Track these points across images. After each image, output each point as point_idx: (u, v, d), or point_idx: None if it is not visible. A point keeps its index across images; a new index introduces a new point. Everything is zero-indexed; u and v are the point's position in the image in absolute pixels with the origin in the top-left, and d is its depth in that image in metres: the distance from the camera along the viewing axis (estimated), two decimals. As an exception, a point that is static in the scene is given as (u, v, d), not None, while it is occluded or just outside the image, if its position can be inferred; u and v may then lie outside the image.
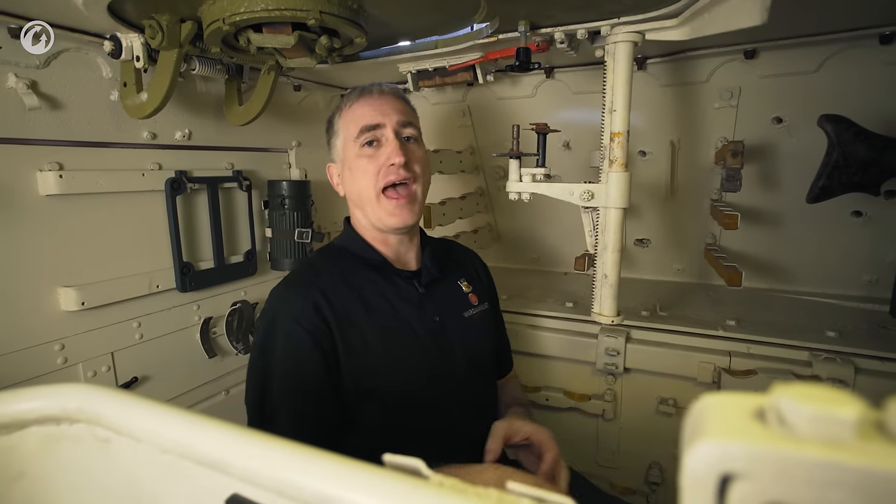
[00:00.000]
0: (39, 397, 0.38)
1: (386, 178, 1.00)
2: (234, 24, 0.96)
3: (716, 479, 0.19)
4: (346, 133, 1.05)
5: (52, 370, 1.14)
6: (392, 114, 1.03)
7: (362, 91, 1.07)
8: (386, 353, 0.97)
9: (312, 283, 0.98)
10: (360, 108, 1.04)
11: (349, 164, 1.05)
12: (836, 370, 1.16)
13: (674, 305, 1.52)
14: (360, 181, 1.03)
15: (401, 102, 1.07)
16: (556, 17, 1.17)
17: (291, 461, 0.29)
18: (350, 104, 1.06)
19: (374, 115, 1.02)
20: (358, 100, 1.06)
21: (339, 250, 1.10)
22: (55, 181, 1.11)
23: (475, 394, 1.09)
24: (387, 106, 1.04)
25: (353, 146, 1.03)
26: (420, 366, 1.00)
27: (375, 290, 1.02)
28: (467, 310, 1.13)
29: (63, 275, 1.16)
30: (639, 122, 1.61)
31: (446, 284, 1.13)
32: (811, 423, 0.18)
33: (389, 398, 0.97)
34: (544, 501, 0.27)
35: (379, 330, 0.98)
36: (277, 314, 0.95)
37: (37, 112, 1.09)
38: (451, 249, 1.26)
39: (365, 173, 1.02)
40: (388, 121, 1.02)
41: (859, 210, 1.46)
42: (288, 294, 0.98)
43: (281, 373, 0.91)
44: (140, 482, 0.36)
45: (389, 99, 1.06)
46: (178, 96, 1.33)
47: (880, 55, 1.29)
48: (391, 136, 1.02)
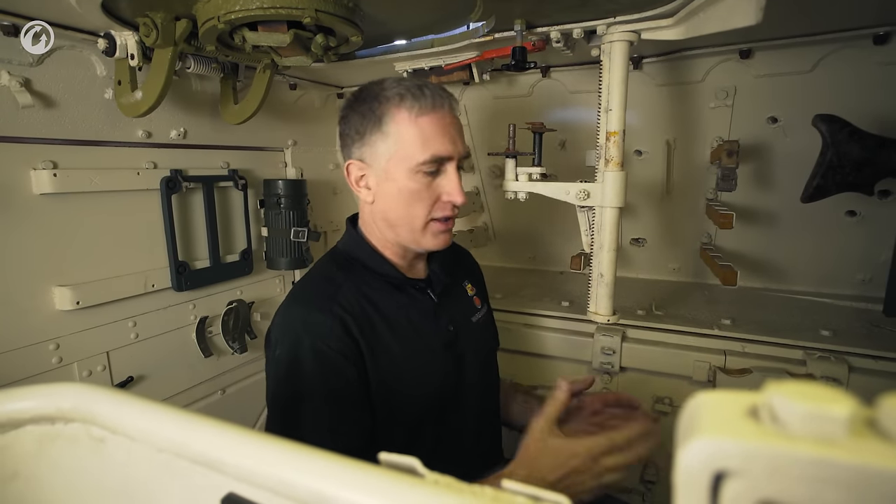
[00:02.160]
0: (34, 397, 0.37)
1: (442, 212, 0.94)
2: (230, 23, 0.96)
3: (709, 477, 0.19)
4: (404, 148, 0.90)
5: (47, 370, 1.14)
6: (459, 143, 0.94)
7: (434, 102, 0.91)
8: (410, 369, 0.95)
9: (334, 300, 0.91)
10: (430, 126, 0.90)
11: (397, 184, 0.92)
12: (830, 369, 1.17)
13: (669, 304, 1.53)
14: (411, 208, 0.93)
15: (460, 123, 0.97)
16: (552, 17, 1.17)
17: (287, 460, 0.29)
18: (417, 114, 0.90)
19: (446, 145, 0.91)
20: (429, 113, 0.90)
21: (349, 259, 1.01)
22: (49, 180, 1.10)
23: (483, 398, 1.09)
24: (456, 131, 0.94)
25: (408, 166, 0.90)
26: (437, 379, 0.98)
27: (393, 303, 0.97)
28: (474, 314, 1.12)
29: (58, 274, 1.15)
30: (635, 122, 1.62)
31: (455, 290, 1.11)
32: (804, 420, 0.19)
33: (406, 412, 0.95)
34: (540, 500, 0.27)
35: (401, 346, 0.94)
36: (302, 335, 0.88)
37: (30, 110, 1.08)
38: (451, 250, 1.21)
39: (420, 201, 0.92)
40: (455, 152, 0.93)
41: (853, 210, 1.47)
42: (310, 312, 0.90)
43: (317, 396, 0.86)
44: (135, 481, 0.36)
45: (456, 120, 0.95)
46: (173, 95, 1.32)
47: (874, 55, 1.30)
48: (454, 169, 0.93)
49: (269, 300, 1.72)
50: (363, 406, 0.89)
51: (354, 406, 0.88)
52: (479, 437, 1.08)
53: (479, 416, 1.07)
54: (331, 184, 1.95)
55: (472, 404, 1.05)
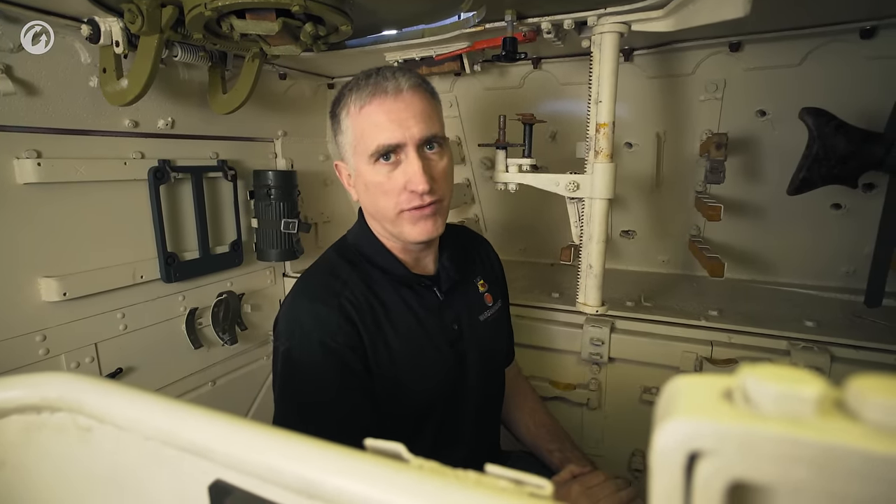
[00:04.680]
0: (19, 386, 0.37)
1: (410, 203, 0.88)
2: (217, 10, 0.95)
3: (683, 457, 0.20)
4: (357, 142, 0.90)
5: (34, 361, 1.13)
6: (413, 125, 0.86)
7: (375, 88, 0.87)
8: (411, 367, 0.94)
9: (340, 294, 0.91)
10: (374, 115, 0.87)
11: (362, 178, 0.92)
12: (813, 358, 1.19)
13: (658, 296, 1.55)
14: (378, 201, 0.91)
15: (422, 101, 0.89)
16: (543, 7, 1.17)
17: (273, 446, 0.29)
18: (360, 104, 0.88)
19: (392, 131, 0.86)
20: (371, 101, 0.87)
21: (356, 251, 1.00)
22: (33, 169, 1.09)
23: (484, 398, 1.09)
24: (406, 113, 0.86)
25: (366, 160, 0.89)
26: (438, 377, 0.98)
27: (398, 298, 0.96)
28: (483, 313, 1.09)
29: (44, 265, 1.14)
30: (625, 114, 1.62)
31: (464, 287, 1.08)
32: (774, 401, 0.19)
33: (406, 406, 0.96)
34: (522, 483, 0.27)
35: (403, 344, 0.94)
36: (310, 329, 0.88)
37: (12, 98, 1.06)
38: (467, 242, 1.18)
39: (384, 194, 0.89)
40: (408, 137, 0.86)
41: (838, 203, 1.49)
42: (317, 307, 0.90)
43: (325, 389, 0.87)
44: (123, 470, 0.36)
45: (409, 100, 0.87)
46: (160, 83, 1.30)
47: (862, 49, 1.31)
48: (413, 155, 0.87)
49: (260, 292, 1.72)
50: (371, 397, 0.90)
51: (363, 398, 0.89)
52: (479, 433, 1.08)
53: (479, 414, 1.07)
54: (321, 175, 1.94)
55: (472, 402, 1.05)
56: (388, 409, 0.93)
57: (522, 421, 1.24)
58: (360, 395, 0.89)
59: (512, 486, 0.27)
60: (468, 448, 1.05)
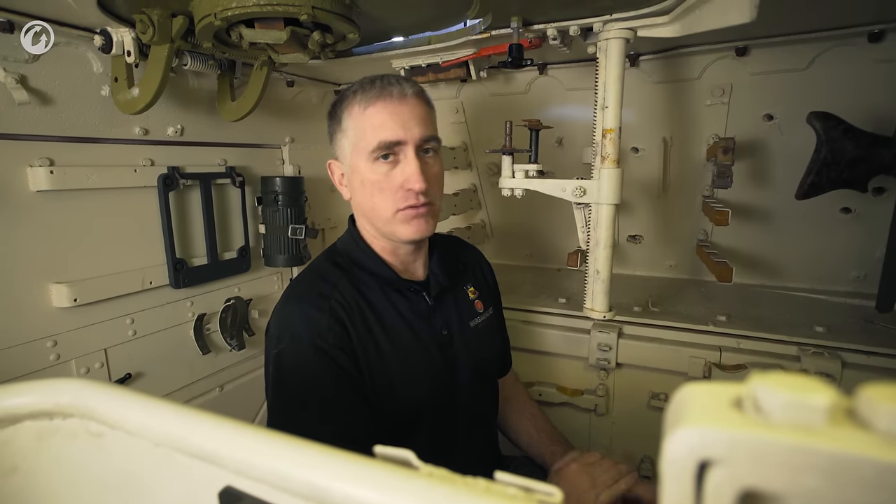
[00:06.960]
0: (32, 392, 0.38)
1: (406, 201, 0.92)
2: (226, 20, 0.96)
3: (694, 465, 0.20)
4: (358, 140, 0.93)
5: (44, 367, 1.14)
6: (414, 126, 0.91)
7: (381, 91, 0.92)
8: (401, 370, 0.95)
9: (330, 297, 0.92)
10: (378, 115, 0.91)
11: (360, 176, 0.95)
12: (824, 364, 1.18)
13: (665, 301, 1.54)
14: (375, 198, 0.93)
15: (423, 107, 0.95)
16: (549, 14, 1.17)
17: (283, 452, 0.29)
18: (365, 105, 0.92)
19: (394, 129, 0.90)
20: (375, 102, 0.91)
21: (346, 256, 1.02)
22: (46, 177, 1.10)
23: (475, 403, 1.09)
24: (408, 115, 0.91)
25: (365, 157, 0.92)
26: (427, 381, 0.99)
27: (388, 302, 0.98)
28: (473, 319, 1.10)
29: (55, 271, 1.15)
30: (631, 119, 1.62)
31: (454, 293, 1.09)
32: (785, 409, 0.19)
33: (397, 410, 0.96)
34: (531, 490, 0.27)
35: (393, 346, 0.95)
36: (301, 332, 0.89)
37: (26, 107, 1.08)
38: (457, 250, 1.20)
39: (381, 191, 0.92)
40: (409, 136, 0.90)
41: (848, 207, 1.48)
42: (307, 309, 0.91)
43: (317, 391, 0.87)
44: (134, 476, 0.36)
45: (412, 105, 0.92)
46: (170, 92, 1.32)
47: (869, 53, 1.31)
48: (411, 154, 0.91)
49: (267, 297, 1.73)
50: (363, 398, 0.90)
51: (354, 398, 0.89)
52: (473, 439, 1.08)
53: (473, 419, 1.07)
54: (328, 181, 1.91)
55: (464, 408, 1.05)
56: (380, 412, 0.93)
57: (524, 426, 1.24)
58: (354, 394, 0.89)
59: (521, 494, 0.27)
60: (462, 453, 1.05)
